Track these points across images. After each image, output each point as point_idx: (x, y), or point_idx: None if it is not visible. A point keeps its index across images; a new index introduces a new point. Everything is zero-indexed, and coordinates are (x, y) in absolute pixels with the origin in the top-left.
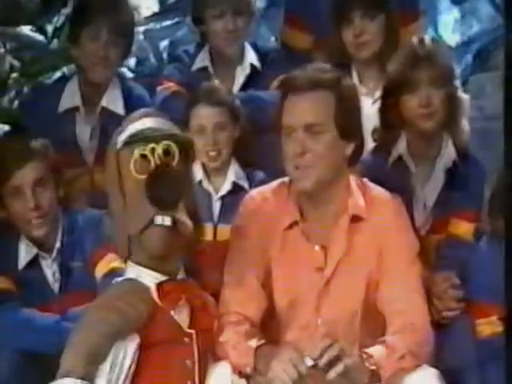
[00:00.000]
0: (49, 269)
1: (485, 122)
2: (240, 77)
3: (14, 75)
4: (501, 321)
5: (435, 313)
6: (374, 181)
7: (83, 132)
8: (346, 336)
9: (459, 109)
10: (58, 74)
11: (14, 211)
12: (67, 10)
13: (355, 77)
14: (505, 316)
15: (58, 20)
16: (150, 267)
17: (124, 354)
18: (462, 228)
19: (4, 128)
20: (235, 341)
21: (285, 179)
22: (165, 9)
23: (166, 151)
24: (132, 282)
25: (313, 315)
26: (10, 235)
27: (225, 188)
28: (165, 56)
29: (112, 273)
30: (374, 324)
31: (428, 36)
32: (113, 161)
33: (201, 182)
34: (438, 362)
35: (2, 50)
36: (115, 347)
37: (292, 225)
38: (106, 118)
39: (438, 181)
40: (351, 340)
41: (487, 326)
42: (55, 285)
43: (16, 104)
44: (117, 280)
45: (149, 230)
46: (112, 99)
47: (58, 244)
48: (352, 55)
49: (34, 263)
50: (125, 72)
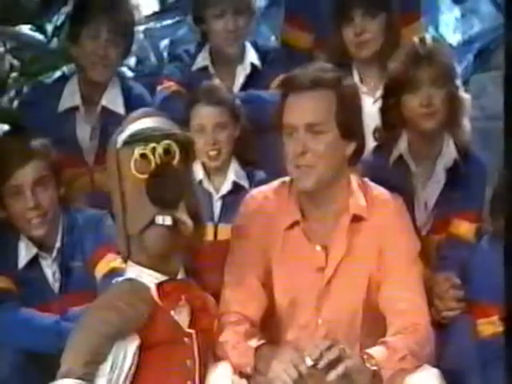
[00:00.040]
0: (49, 268)
1: (486, 122)
2: (240, 76)
3: (14, 75)
4: (502, 321)
5: (436, 313)
6: (375, 180)
7: (83, 131)
8: (347, 336)
9: (460, 108)
10: (58, 74)
11: (14, 211)
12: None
13: (356, 76)
14: (505, 316)
15: (58, 19)
16: (150, 267)
17: (124, 354)
18: (463, 228)
19: (4, 127)
20: (235, 341)
21: (285, 179)
22: (165, 8)
23: (167, 151)
24: (132, 282)
25: (313, 315)
26: (10, 235)
27: (225, 187)
28: (165, 55)
29: (112, 273)
30: (375, 324)
31: (429, 35)
32: (113, 160)
33: (201, 182)
34: (439, 362)
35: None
36: (115, 347)
37: (293, 224)
38: (106, 118)
39: (439, 181)
40: (352, 340)
41: (488, 326)
42: (55, 285)
43: (16, 103)
44: (117, 280)
45: (149, 230)
46: (112, 98)
47: (58, 244)
48: (353, 54)
49: (34, 263)
50: (125, 71)
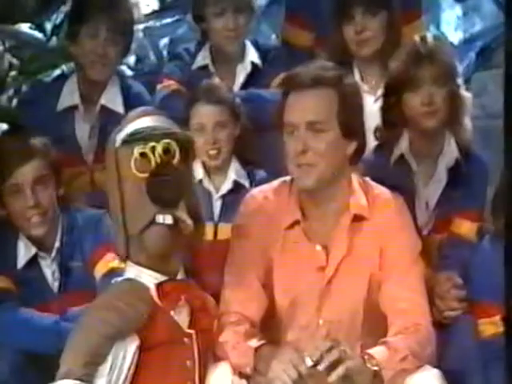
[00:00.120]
0: (48, 268)
1: (487, 121)
2: (241, 75)
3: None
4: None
5: (437, 313)
6: (376, 180)
7: (82, 130)
8: (348, 336)
9: (461, 107)
10: (57, 72)
11: (14, 209)
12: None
13: (357, 74)
14: (505, 316)
15: (57, 18)
16: (150, 267)
17: (124, 355)
18: (465, 227)
19: (3, 126)
20: (235, 341)
21: (286, 178)
22: (165, 6)
23: (167, 150)
24: (132, 282)
25: (314, 315)
26: (10, 234)
27: (225, 187)
28: (165, 54)
29: (111, 273)
30: (376, 324)
31: (430, 34)
32: (111, 160)
33: (201, 181)
34: (440, 363)
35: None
36: (115, 348)
37: (293, 224)
38: (106, 117)
39: (441, 180)
40: (353, 340)
41: (490, 326)
42: (54, 284)
43: (15, 102)
44: (116, 280)
45: (149, 230)
46: (111, 97)
47: (58, 243)
48: (353, 52)
49: (33, 263)
50: (124, 70)
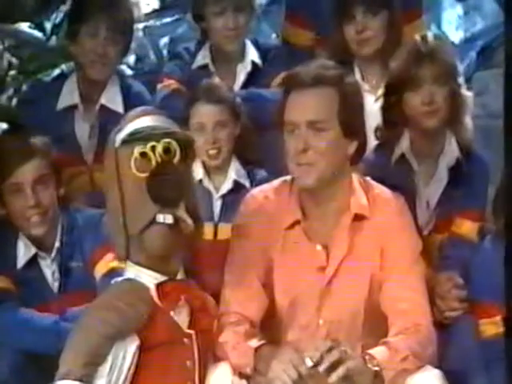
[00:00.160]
0: (48, 268)
1: (488, 120)
2: (241, 74)
3: (13, 72)
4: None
5: (438, 313)
6: (377, 179)
7: (82, 130)
8: (348, 336)
9: (462, 106)
10: (57, 72)
11: (14, 209)
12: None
13: (357, 74)
14: (505, 316)
15: (57, 17)
16: (150, 267)
17: (124, 355)
18: (466, 227)
19: (2, 126)
20: (235, 341)
21: (286, 178)
22: (165, 5)
23: (167, 149)
24: (132, 282)
25: (314, 315)
26: (9, 234)
27: (225, 186)
28: (165, 53)
29: (111, 273)
30: (377, 324)
31: (431, 33)
32: (111, 159)
33: (201, 181)
34: (441, 363)
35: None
36: (115, 348)
37: (293, 224)
38: (105, 116)
39: (442, 179)
40: (353, 340)
41: (491, 326)
42: (54, 284)
43: (14, 102)
44: (116, 280)
45: (150, 229)
46: (111, 97)
47: (58, 243)
48: (354, 52)
49: (33, 263)
50: (124, 69)
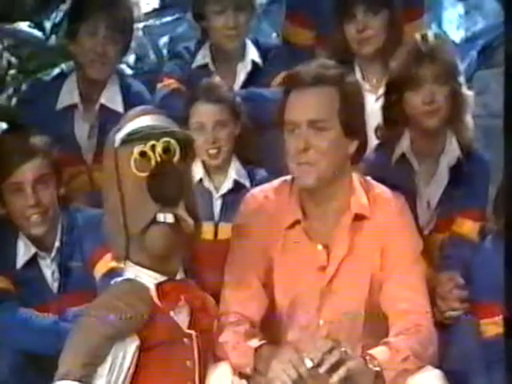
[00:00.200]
0: (48, 268)
1: (489, 119)
2: (241, 73)
3: (12, 72)
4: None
5: (439, 313)
6: (377, 179)
7: (82, 130)
8: (349, 337)
9: (463, 105)
10: (57, 71)
11: (15, 208)
12: (65, 6)
13: (358, 73)
14: (505, 316)
15: (56, 16)
16: (150, 267)
17: (123, 355)
18: (467, 227)
19: (2, 125)
20: (235, 341)
21: (287, 177)
22: (165, 5)
23: (167, 149)
24: (131, 282)
25: (314, 315)
26: (9, 234)
27: (226, 186)
28: (165, 53)
29: (111, 273)
30: (377, 324)
31: (431, 32)
32: (110, 159)
33: (201, 181)
34: (442, 363)
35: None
36: (115, 348)
37: (294, 223)
38: (105, 116)
39: (442, 179)
40: (354, 341)
41: (492, 327)
42: (54, 284)
43: (14, 101)
44: (116, 280)
45: (151, 229)
46: (111, 96)
47: (58, 243)
48: (355, 51)
49: (33, 263)
50: (124, 69)
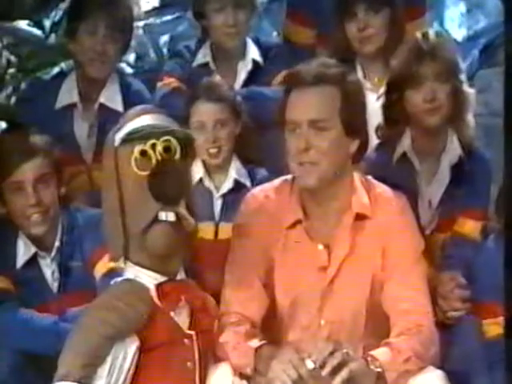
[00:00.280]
0: (48, 268)
1: (491, 118)
2: (242, 72)
3: (11, 71)
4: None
5: (440, 313)
6: (379, 178)
7: (81, 129)
8: (350, 337)
9: (464, 104)
10: (56, 70)
11: (15, 207)
12: (65, 5)
13: (359, 72)
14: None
15: (56, 15)
16: (150, 268)
17: (124, 356)
18: (469, 226)
19: (1, 125)
20: (235, 341)
21: (287, 177)
22: (165, 3)
23: (167, 148)
24: (131, 283)
25: (315, 316)
26: (9, 233)
27: (226, 186)
28: (165, 51)
29: (111, 273)
30: (379, 324)
31: (432, 30)
32: (110, 159)
33: (202, 180)
34: (444, 364)
35: None
36: (115, 348)
37: (295, 223)
38: (105, 115)
39: (444, 178)
40: (355, 341)
41: (494, 327)
42: (54, 284)
43: (13, 100)
44: (116, 280)
45: (152, 228)
46: (110, 95)
47: (58, 243)
48: (356, 50)
49: (33, 262)
50: (124, 68)
